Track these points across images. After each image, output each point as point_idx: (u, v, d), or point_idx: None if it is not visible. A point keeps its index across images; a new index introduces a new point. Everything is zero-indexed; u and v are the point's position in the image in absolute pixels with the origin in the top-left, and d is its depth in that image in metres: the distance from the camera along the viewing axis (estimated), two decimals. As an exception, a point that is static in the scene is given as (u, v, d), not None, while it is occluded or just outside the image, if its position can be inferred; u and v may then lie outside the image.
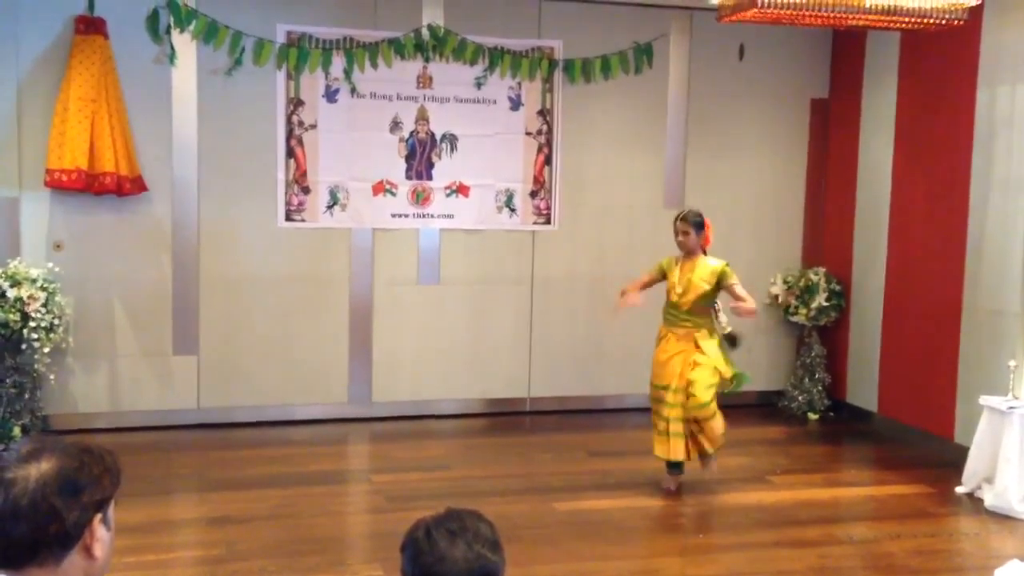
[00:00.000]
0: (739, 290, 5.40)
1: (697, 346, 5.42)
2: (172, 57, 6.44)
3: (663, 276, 5.60)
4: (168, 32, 6.41)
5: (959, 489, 5.71)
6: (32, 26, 6.23)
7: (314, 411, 6.99)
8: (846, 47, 7.53)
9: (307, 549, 4.66)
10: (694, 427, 5.46)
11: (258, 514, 5.13)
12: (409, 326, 7.12)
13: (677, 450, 5.45)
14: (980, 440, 5.61)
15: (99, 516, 1.68)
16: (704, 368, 5.39)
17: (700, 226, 5.48)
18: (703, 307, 5.47)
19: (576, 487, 5.69)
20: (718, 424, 5.47)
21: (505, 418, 7.25)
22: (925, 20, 5.28)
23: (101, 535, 1.69)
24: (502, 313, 7.29)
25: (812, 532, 5.09)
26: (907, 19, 5.31)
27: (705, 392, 5.36)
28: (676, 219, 5.56)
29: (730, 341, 5.53)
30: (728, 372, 5.45)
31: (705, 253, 5.53)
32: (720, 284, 5.41)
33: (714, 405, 5.43)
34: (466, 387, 7.27)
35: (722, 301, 5.56)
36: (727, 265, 5.46)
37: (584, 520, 5.16)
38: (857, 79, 7.41)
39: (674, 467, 5.55)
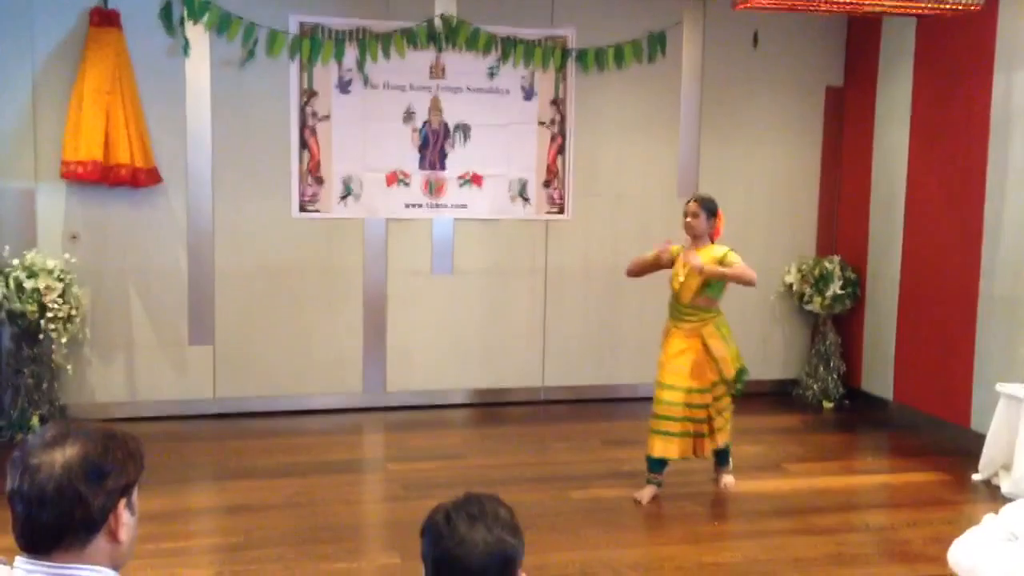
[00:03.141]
0: (737, 268, 4.96)
1: (705, 345, 5.17)
2: (186, 49, 6.46)
3: (672, 263, 5.21)
4: (182, 24, 6.42)
5: (976, 476, 5.69)
6: (47, 19, 6.26)
7: (329, 400, 7.02)
8: (861, 35, 7.48)
9: (324, 537, 4.69)
10: (703, 427, 5.26)
11: (275, 502, 5.16)
12: (423, 316, 7.14)
13: (669, 449, 5.19)
14: (997, 427, 5.59)
15: (124, 501, 1.70)
16: (718, 389, 5.26)
17: (712, 211, 5.09)
18: (707, 299, 5.14)
19: (591, 476, 5.70)
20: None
21: (519, 408, 7.26)
22: (941, 6, 5.27)
23: (126, 520, 1.71)
24: (516, 303, 7.29)
25: (828, 520, 5.08)
26: (923, 5, 5.29)
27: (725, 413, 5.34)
28: (687, 201, 5.19)
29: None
30: (731, 372, 5.21)
31: (713, 243, 5.18)
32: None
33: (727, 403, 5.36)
34: (480, 377, 7.28)
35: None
36: (730, 251, 5.04)
37: (599, 508, 5.17)
38: (872, 67, 7.36)
39: (657, 465, 5.28)
